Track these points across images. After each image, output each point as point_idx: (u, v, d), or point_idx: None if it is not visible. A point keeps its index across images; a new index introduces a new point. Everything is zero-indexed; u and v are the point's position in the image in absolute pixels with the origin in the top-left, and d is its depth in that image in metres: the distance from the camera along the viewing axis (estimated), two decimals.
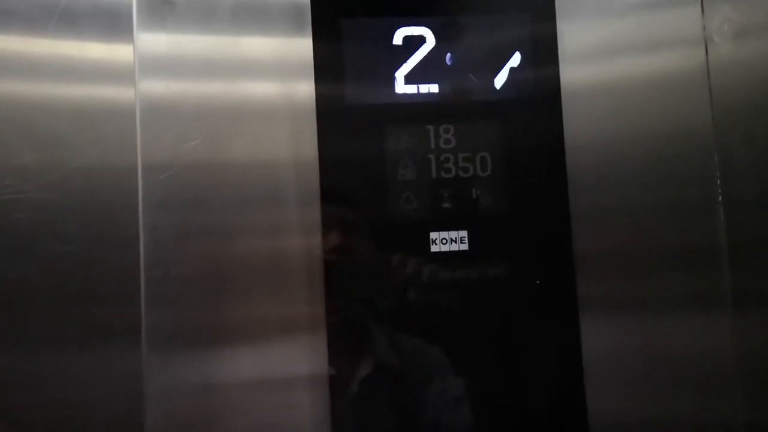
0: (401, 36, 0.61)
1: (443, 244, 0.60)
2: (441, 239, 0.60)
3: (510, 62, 0.61)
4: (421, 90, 0.61)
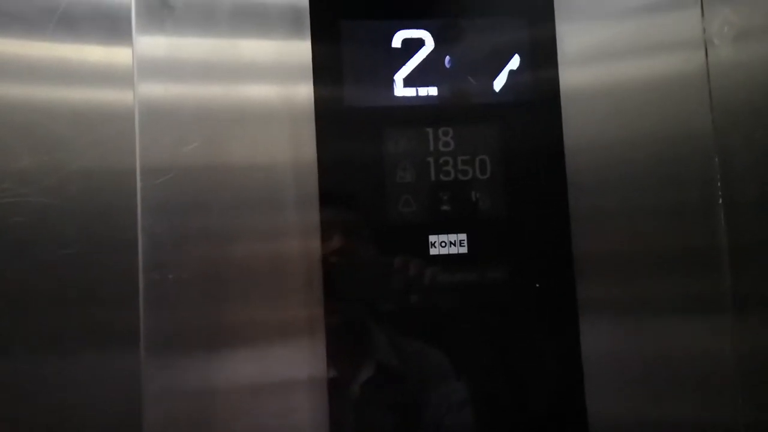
0: (400, 39, 0.61)
1: (442, 247, 0.60)
2: (440, 242, 0.60)
3: (509, 65, 0.61)
4: (420, 93, 0.61)
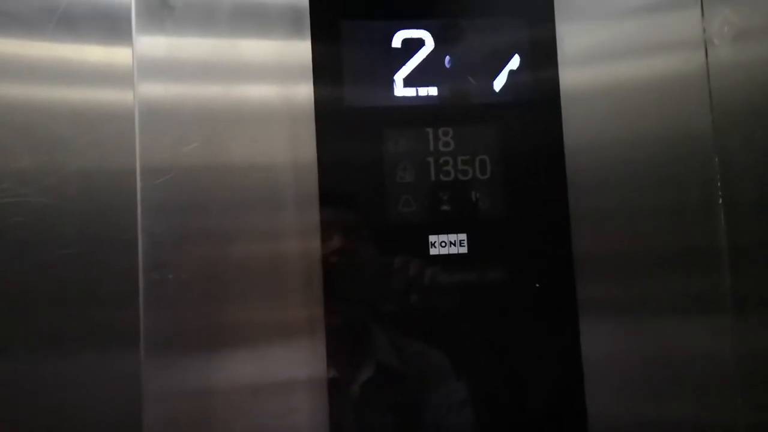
0: (400, 39, 0.61)
1: (442, 247, 0.60)
2: (440, 242, 0.60)
3: (509, 65, 0.61)
4: (420, 93, 0.61)
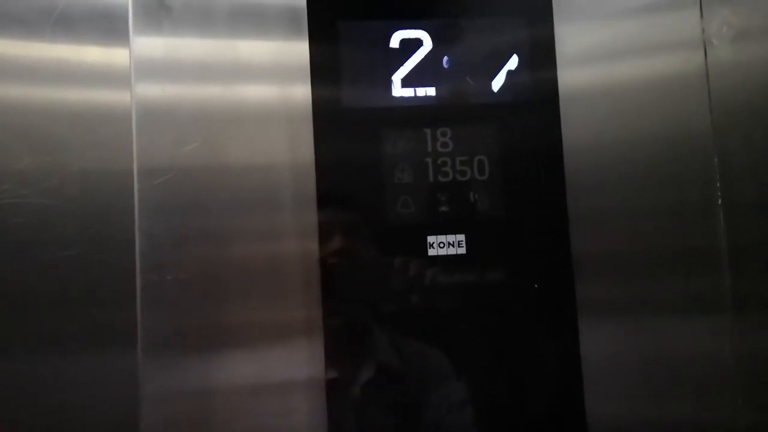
0: (398, 39, 0.61)
1: (441, 248, 0.60)
2: (438, 243, 0.60)
3: (507, 65, 0.61)
4: (418, 93, 0.61)
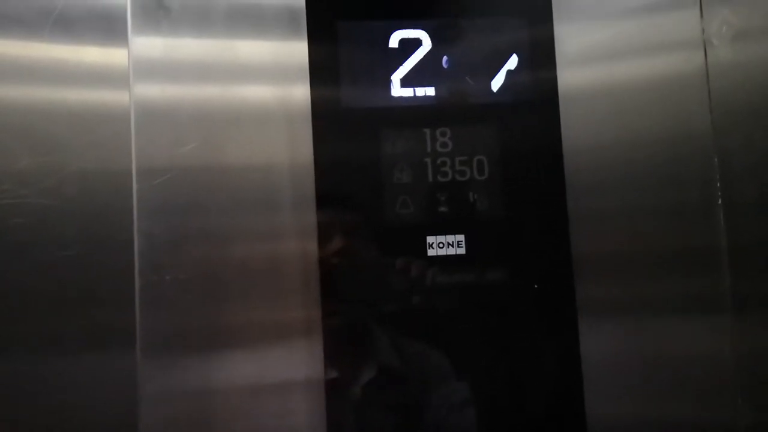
0: (397, 39, 0.60)
1: (440, 248, 0.59)
2: (438, 243, 0.59)
3: (507, 65, 0.61)
4: (418, 93, 0.60)
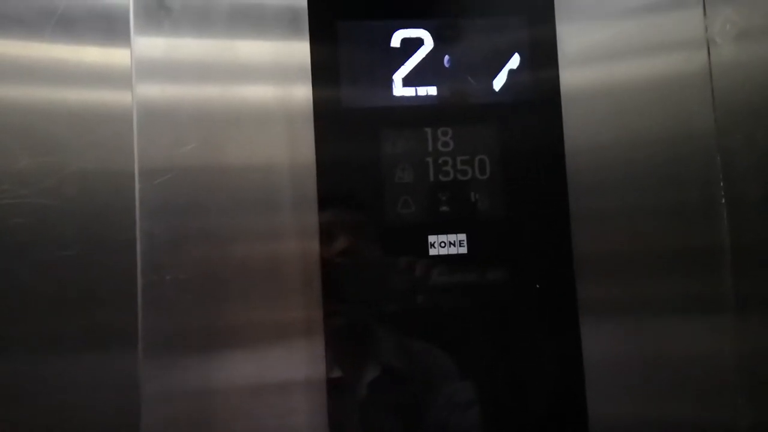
0: (399, 38, 0.60)
1: (442, 248, 0.59)
2: (440, 242, 0.59)
3: (509, 65, 0.61)
4: (419, 93, 0.60)
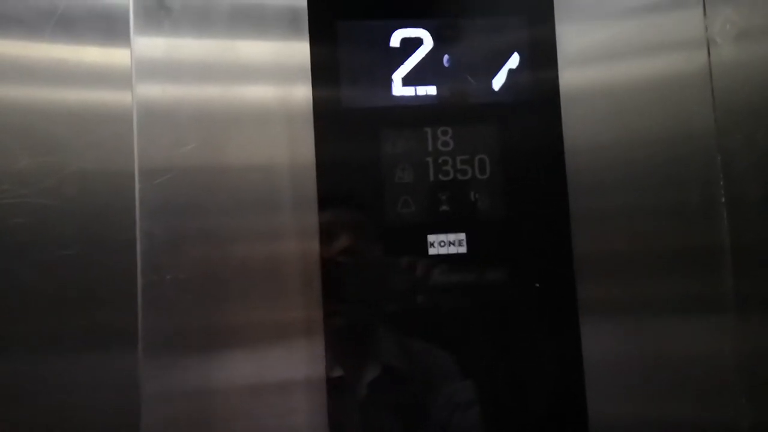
0: (398, 38, 0.60)
1: (441, 247, 0.59)
2: (439, 242, 0.59)
3: (508, 64, 0.61)
4: (419, 92, 0.60)
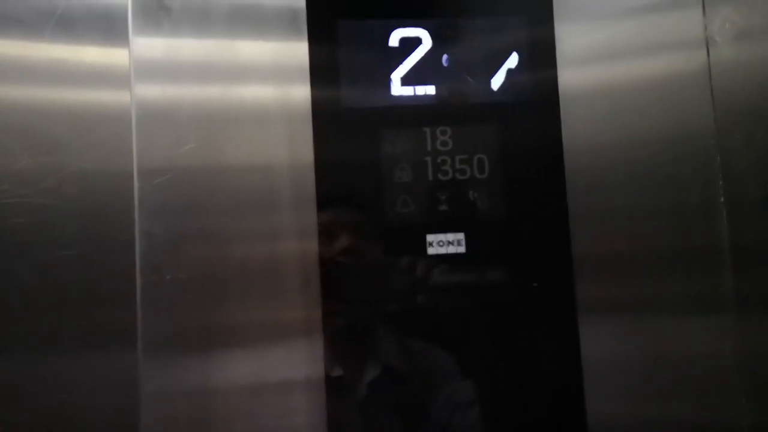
0: (397, 38, 0.60)
1: (440, 247, 0.59)
2: (438, 241, 0.59)
3: (507, 64, 0.61)
4: (418, 92, 0.60)
